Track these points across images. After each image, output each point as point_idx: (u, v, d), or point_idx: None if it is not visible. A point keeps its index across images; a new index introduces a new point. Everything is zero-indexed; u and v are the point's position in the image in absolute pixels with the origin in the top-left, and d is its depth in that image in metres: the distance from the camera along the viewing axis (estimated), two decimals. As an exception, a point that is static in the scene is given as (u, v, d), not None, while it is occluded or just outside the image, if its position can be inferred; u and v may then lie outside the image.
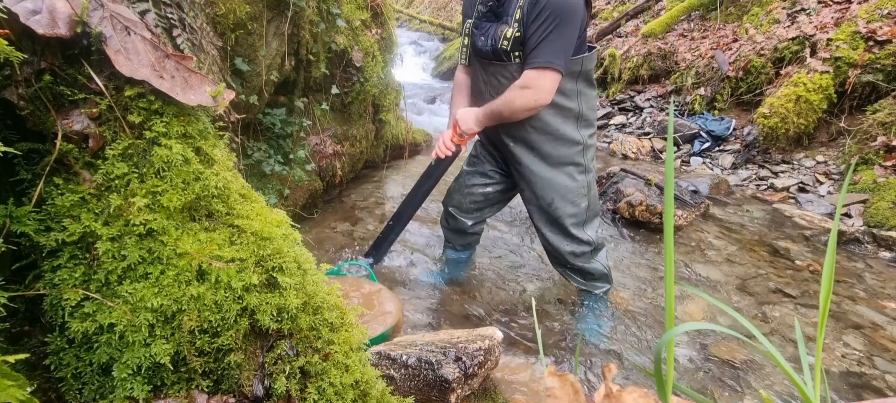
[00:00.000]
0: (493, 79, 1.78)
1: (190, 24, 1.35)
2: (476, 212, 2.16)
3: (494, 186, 2.09)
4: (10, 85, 0.64)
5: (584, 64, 1.72)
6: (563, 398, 0.44)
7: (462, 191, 2.13)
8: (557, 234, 1.91)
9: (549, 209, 1.87)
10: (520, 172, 1.90)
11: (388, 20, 3.29)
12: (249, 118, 2.24)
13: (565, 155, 1.82)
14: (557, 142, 1.80)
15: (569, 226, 1.87)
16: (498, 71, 1.76)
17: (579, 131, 1.81)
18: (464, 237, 2.26)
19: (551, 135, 1.79)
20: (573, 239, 1.90)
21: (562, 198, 1.85)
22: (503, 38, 1.68)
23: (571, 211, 1.86)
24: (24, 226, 0.65)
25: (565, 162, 1.83)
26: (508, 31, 1.66)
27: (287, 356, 0.76)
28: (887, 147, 3.28)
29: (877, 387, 1.74)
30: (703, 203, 3.12)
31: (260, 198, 0.88)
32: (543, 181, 1.84)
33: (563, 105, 1.76)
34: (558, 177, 1.83)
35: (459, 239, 2.27)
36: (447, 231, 2.27)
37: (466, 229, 2.20)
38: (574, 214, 1.87)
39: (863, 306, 2.20)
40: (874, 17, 3.79)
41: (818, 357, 0.58)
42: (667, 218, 0.52)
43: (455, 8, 10.48)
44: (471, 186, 2.11)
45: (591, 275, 2.00)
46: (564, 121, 1.78)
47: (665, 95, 5.11)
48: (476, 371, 1.44)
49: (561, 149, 1.81)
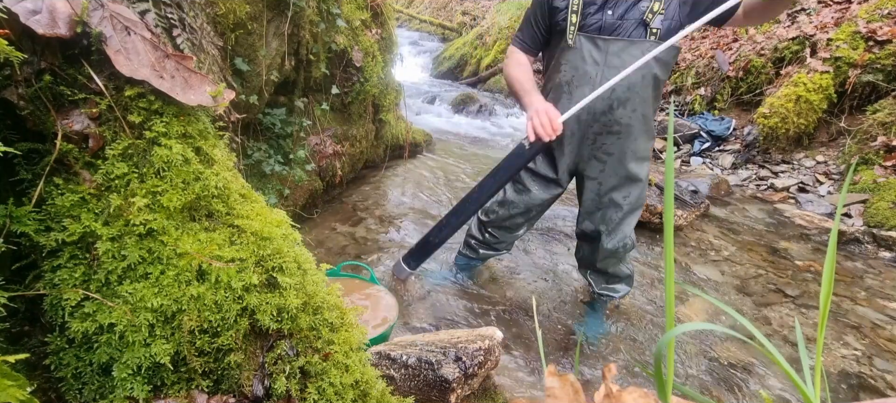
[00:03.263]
0: (615, 58, 1.61)
1: (190, 24, 1.35)
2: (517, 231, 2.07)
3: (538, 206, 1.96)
4: (10, 85, 0.64)
5: None
6: (563, 398, 0.44)
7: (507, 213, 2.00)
8: (614, 236, 1.84)
9: (622, 206, 1.80)
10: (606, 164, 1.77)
11: (388, 20, 3.29)
12: (249, 118, 2.24)
13: (647, 149, 1.77)
14: (647, 135, 1.74)
15: (631, 229, 1.83)
16: (625, 49, 1.59)
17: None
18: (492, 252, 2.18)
19: (647, 125, 1.72)
20: (623, 236, 1.85)
21: (636, 197, 1.79)
22: (649, 11, 1.56)
23: (638, 212, 1.82)
24: (24, 226, 0.65)
25: (646, 157, 1.78)
26: (655, 4, 1.56)
27: (287, 356, 0.76)
28: (887, 147, 3.28)
29: (877, 387, 1.74)
30: (703, 203, 3.13)
31: (260, 198, 0.88)
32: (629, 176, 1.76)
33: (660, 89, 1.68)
34: (641, 172, 1.78)
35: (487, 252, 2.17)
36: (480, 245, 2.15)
37: (501, 248, 2.14)
38: (636, 215, 1.83)
39: (863, 306, 2.20)
40: (874, 17, 3.79)
41: (818, 357, 0.58)
42: (667, 218, 0.52)
43: (455, 8, 10.47)
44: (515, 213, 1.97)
45: (616, 278, 1.96)
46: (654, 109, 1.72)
47: (665, 95, 5.11)
48: (476, 371, 1.44)
49: (647, 143, 1.75)
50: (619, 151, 1.72)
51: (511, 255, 2.53)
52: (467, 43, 8.11)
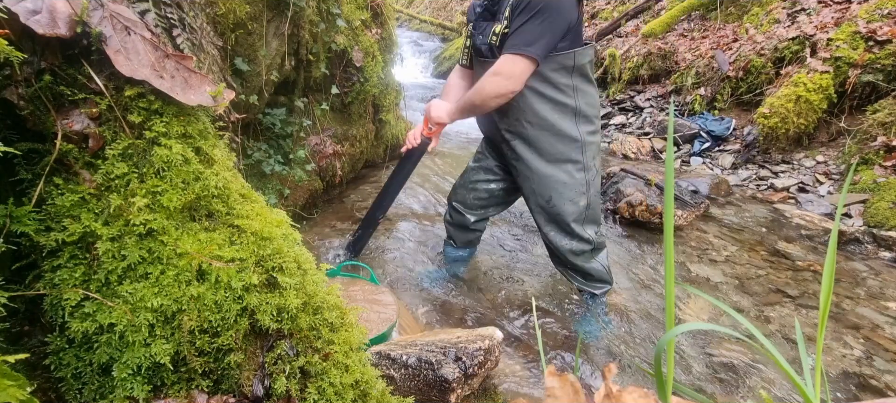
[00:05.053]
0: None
1: (190, 23, 1.35)
2: (480, 209, 2.18)
3: (499, 183, 2.11)
4: (10, 85, 0.64)
5: (576, 58, 1.71)
6: (563, 398, 0.44)
7: (467, 186, 2.15)
8: (557, 231, 1.91)
9: (548, 206, 1.87)
10: (518, 169, 1.90)
11: (388, 20, 3.29)
12: (249, 118, 2.24)
13: (562, 151, 1.81)
14: (555, 138, 1.80)
15: (568, 223, 1.87)
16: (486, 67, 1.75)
17: (578, 127, 1.80)
18: (466, 233, 2.27)
19: (548, 130, 1.79)
20: (573, 236, 1.90)
21: (559, 195, 1.85)
22: (492, 34, 1.72)
23: (570, 208, 1.86)
24: (24, 226, 0.65)
25: (562, 158, 1.82)
26: (498, 27, 1.70)
27: (287, 356, 0.76)
28: (887, 147, 3.28)
29: (877, 387, 1.74)
30: (703, 203, 3.12)
31: (260, 198, 0.88)
32: (541, 177, 1.85)
33: (558, 100, 1.76)
34: (556, 174, 1.83)
35: (461, 235, 2.28)
36: (450, 226, 2.29)
37: (469, 225, 2.21)
38: (572, 212, 1.87)
39: (863, 306, 2.20)
40: (874, 17, 3.79)
41: (818, 357, 0.58)
42: (667, 218, 0.52)
43: (455, 8, 10.49)
44: (475, 182, 2.13)
45: (590, 276, 1.99)
46: (562, 117, 1.78)
47: (665, 95, 5.11)
48: (476, 371, 1.44)
49: (558, 146, 1.81)
50: (522, 156, 1.86)
51: (511, 255, 2.53)
52: (467, 43, 8.09)
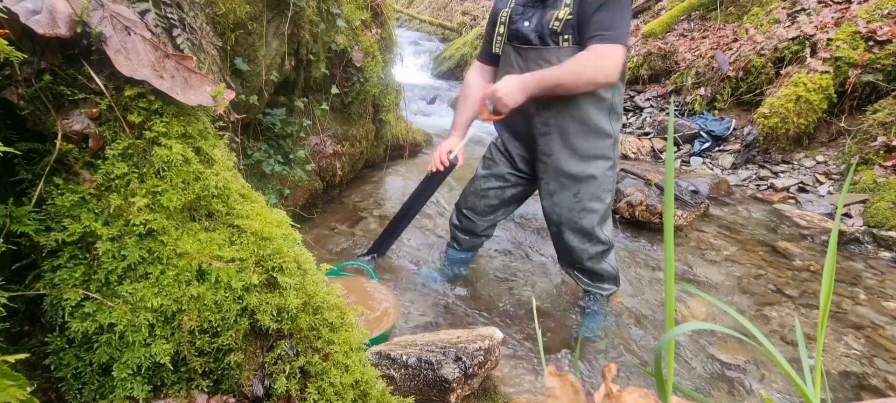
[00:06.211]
0: (534, 65, 1.71)
1: (190, 24, 1.35)
2: (490, 215, 2.14)
3: (511, 190, 2.06)
4: (10, 85, 0.64)
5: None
6: (563, 398, 0.44)
7: (478, 193, 2.10)
8: (576, 233, 1.87)
9: (574, 204, 1.83)
10: (547, 165, 1.84)
11: (388, 20, 3.29)
12: (249, 118, 2.24)
13: (597, 147, 1.78)
14: (592, 134, 1.76)
15: (592, 225, 1.84)
16: (541, 56, 1.69)
17: (611, 124, 1.77)
18: (473, 239, 2.25)
19: (587, 126, 1.74)
20: (592, 237, 1.87)
21: (589, 195, 1.81)
22: (554, 19, 1.63)
23: (596, 207, 1.83)
24: (24, 226, 0.65)
25: (595, 155, 1.79)
26: (559, 12, 1.62)
27: (287, 356, 0.76)
28: (887, 147, 3.28)
29: (877, 387, 1.74)
30: (703, 203, 3.12)
31: (260, 198, 0.88)
32: (572, 175, 1.80)
33: (601, 95, 1.71)
34: (589, 170, 1.79)
35: (468, 240, 2.26)
36: (457, 231, 2.25)
37: (478, 231, 2.19)
38: (597, 211, 1.83)
39: (863, 306, 2.20)
40: (874, 17, 3.79)
41: (818, 357, 0.58)
42: (667, 218, 0.52)
43: (455, 8, 10.48)
44: (486, 189, 2.08)
45: (599, 276, 1.98)
46: (599, 112, 1.74)
47: (665, 95, 5.11)
48: (476, 371, 1.44)
49: (594, 142, 1.77)
50: (555, 152, 1.80)
51: (511, 255, 2.53)
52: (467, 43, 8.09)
